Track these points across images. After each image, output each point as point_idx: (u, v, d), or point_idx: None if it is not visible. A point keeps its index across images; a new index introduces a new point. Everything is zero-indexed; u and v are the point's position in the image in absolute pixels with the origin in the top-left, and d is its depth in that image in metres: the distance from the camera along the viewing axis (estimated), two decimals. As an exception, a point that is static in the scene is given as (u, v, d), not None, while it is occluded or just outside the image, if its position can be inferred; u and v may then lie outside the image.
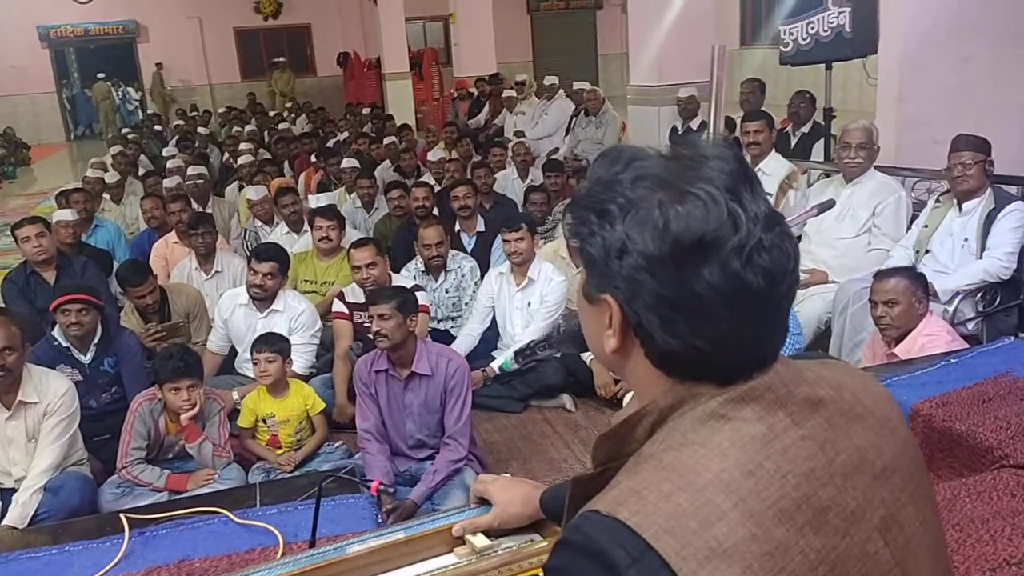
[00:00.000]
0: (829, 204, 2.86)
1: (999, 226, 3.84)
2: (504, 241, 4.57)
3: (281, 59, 18.93)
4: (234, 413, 3.84)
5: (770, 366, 0.81)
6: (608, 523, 0.74)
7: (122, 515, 2.29)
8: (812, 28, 5.51)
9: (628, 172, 0.81)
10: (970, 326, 3.86)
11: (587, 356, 4.36)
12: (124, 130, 14.62)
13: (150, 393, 3.48)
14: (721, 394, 0.79)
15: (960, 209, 3.98)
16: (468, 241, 5.67)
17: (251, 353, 3.78)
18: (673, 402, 0.81)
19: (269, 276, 4.24)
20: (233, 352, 4.52)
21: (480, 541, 1.41)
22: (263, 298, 4.27)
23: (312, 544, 1.73)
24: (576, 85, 9.39)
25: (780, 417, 0.78)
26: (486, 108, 11.76)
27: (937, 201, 4.16)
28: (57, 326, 3.84)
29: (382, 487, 1.83)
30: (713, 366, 0.80)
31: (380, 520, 2.39)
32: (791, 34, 5.67)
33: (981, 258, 3.86)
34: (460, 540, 1.44)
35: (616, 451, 0.85)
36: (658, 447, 0.79)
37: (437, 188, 6.56)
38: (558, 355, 4.06)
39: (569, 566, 0.75)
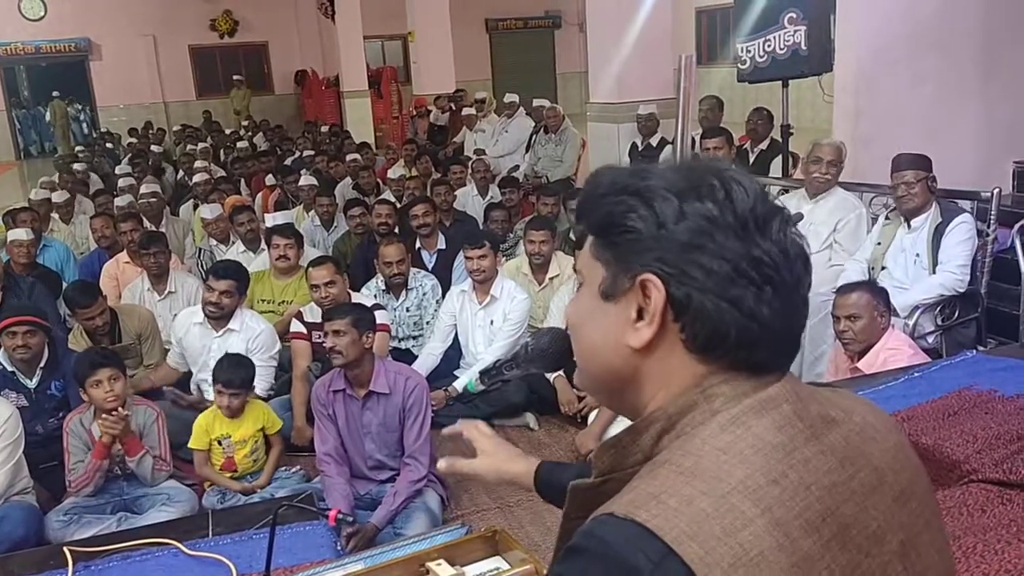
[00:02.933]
0: (798, 217, 2.85)
1: (948, 240, 3.90)
2: (466, 258, 4.52)
3: (238, 77, 18.72)
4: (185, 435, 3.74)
5: (788, 370, 0.80)
6: (625, 526, 0.69)
7: (66, 548, 2.18)
8: (769, 46, 5.56)
9: (654, 165, 0.81)
10: (930, 339, 3.89)
11: (551, 374, 4.32)
12: (77, 148, 14.33)
13: (80, 408, 3.40)
14: (739, 399, 0.76)
15: (909, 226, 4.03)
16: (429, 259, 5.60)
17: (212, 384, 3.65)
18: (684, 407, 0.77)
19: (226, 294, 4.14)
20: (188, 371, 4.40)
21: (445, 571, 1.36)
22: (219, 317, 4.16)
23: (267, 576, 1.65)
24: (536, 102, 9.40)
25: (800, 429, 0.75)
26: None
27: (887, 219, 4.21)
28: (2, 349, 3.71)
29: (340, 516, 1.76)
30: (757, 347, 0.77)
31: (339, 547, 2.31)
32: (748, 52, 5.72)
33: (934, 272, 3.91)
34: (423, 570, 1.38)
35: (620, 461, 0.80)
36: (676, 453, 0.75)
37: (397, 206, 6.49)
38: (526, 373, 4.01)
39: (583, 573, 0.70)
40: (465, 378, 4.36)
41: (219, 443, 3.59)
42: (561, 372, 4.26)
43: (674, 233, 0.76)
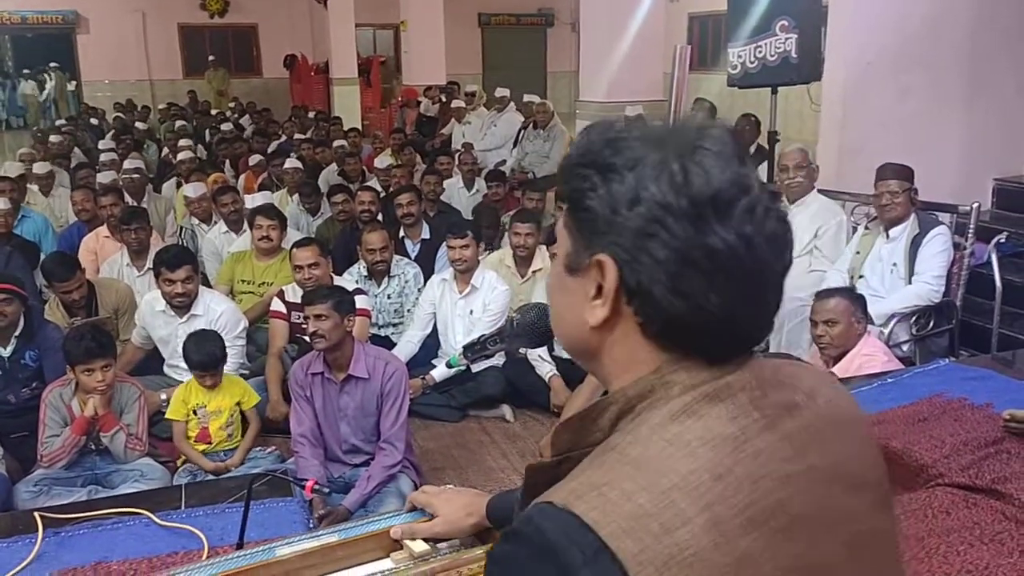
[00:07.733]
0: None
1: (925, 251, 3.95)
2: (448, 247, 4.52)
3: (212, 58, 18.51)
4: (158, 415, 3.71)
5: (754, 354, 0.78)
6: (563, 517, 0.68)
7: (36, 513, 2.17)
8: (760, 52, 5.60)
9: (631, 132, 0.78)
10: (904, 348, 3.94)
11: (545, 372, 4.32)
12: (59, 122, 14.16)
13: (61, 380, 3.36)
14: (696, 387, 0.75)
15: (887, 235, 4.09)
16: (412, 248, 5.60)
17: (190, 370, 3.60)
18: (642, 391, 0.76)
19: (188, 280, 4.03)
20: (160, 357, 4.34)
21: (418, 546, 1.36)
22: (186, 305, 4.08)
23: (239, 547, 1.65)
24: (526, 98, 9.42)
25: (755, 418, 0.74)
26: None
27: (866, 228, 4.27)
28: (-24, 317, 3.67)
29: (317, 487, 1.76)
30: (712, 336, 0.75)
31: (312, 525, 2.31)
32: (740, 57, 5.76)
33: (910, 282, 3.96)
34: (397, 545, 1.38)
35: (577, 441, 0.79)
36: (624, 438, 0.74)
37: (383, 194, 6.49)
38: (516, 350, 3.97)
39: (515, 559, 0.70)
40: (448, 358, 4.36)
41: (195, 412, 3.57)
42: (556, 372, 4.29)
43: (627, 219, 0.74)
